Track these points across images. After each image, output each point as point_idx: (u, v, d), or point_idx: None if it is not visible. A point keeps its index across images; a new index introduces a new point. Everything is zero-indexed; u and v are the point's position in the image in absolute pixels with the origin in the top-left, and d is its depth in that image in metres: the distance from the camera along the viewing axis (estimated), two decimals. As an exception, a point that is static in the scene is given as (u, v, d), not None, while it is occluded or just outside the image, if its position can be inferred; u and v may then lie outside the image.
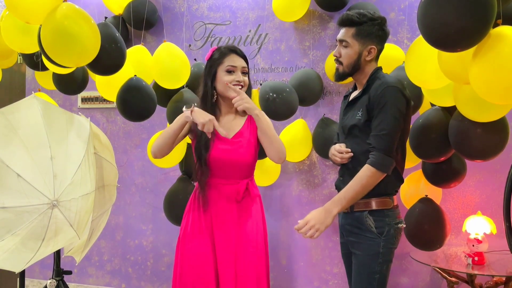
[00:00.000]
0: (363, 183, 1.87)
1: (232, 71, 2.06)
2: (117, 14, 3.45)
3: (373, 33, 1.95)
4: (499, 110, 1.92)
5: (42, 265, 3.86)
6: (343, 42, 1.98)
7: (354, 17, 1.94)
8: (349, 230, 2.01)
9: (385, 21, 1.99)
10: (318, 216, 1.87)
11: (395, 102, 1.87)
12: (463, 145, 2.12)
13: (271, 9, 3.16)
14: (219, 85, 2.08)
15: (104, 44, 2.40)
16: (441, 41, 1.65)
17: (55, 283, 2.35)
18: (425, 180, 2.58)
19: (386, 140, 1.87)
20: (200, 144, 2.06)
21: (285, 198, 3.30)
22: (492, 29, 1.63)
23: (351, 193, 1.88)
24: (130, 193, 3.74)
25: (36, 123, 2.03)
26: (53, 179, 1.95)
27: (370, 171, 1.86)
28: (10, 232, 1.90)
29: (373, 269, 1.92)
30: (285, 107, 2.83)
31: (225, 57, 2.07)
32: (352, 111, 2.02)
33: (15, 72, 4.00)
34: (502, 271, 2.43)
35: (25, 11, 2.25)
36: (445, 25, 1.59)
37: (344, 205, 1.88)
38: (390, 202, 1.96)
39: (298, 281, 3.29)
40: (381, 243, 1.91)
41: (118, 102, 2.81)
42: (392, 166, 1.90)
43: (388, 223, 1.93)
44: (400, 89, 1.89)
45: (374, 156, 1.87)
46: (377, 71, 2.00)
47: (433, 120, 2.30)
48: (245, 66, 2.10)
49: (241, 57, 2.09)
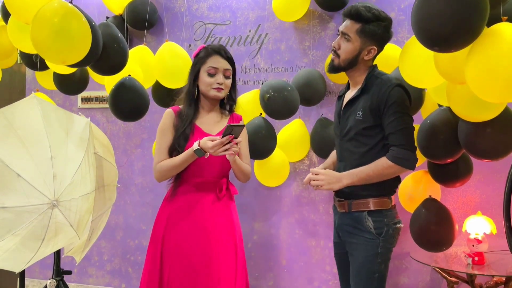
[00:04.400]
0: (378, 171, 1.87)
1: (213, 74, 2.07)
2: (117, 14, 3.45)
3: (378, 34, 1.91)
4: (492, 110, 1.91)
5: (42, 265, 3.86)
6: (346, 35, 1.92)
7: (363, 12, 1.88)
8: (347, 230, 2.00)
9: (391, 22, 1.95)
10: (330, 176, 1.92)
11: (403, 100, 1.89)
12: (473, 145, 2.07)
13: (271, 9, 3.16)
14: (201, 85, 2.10)
15: (106, 44, 2.39)
16: (434, 42, 1.64)
17: (55, 283, 2.35)
18: (425, 180, 2.58)
19: (406, 135, 1.87)
20: (178, 134, 2.08)
21: (285, 198, 3.30)
22: (487, 27, 1.62)
23: (364, 174, 1.88)
24: (130, 193, 3.74)
25: (36, 123, 2.03)
26: (53, 179, 1.95)
27: (387, 163, 1.87)
28: (10, 232, 1.90)
29: (372, 269, 1.92)
30: (286, 106, 2.82)
31: (208, 57, 2.09)
32: (351, 111, 1.98)
33: (15, 72, 4.00)
34: (502, 271, 2.43)
35: (21, 12, 2.26)
36: (438, 27, 1.57)
37: (354, 181, 1.89)
38: (389, 202, 1.96)
39: (298, 281, 3.28)
40: (379, 243, 1.91)
41: (110, 101, 2.79)
42: (416, 162, 1.89)
43: (386, 223, 1.93)
44: (405, 88, 1.91)
45: (394, 151, 1.86)
46: (373, 69, 1.98)
47: (441, 120, 2.26)
48: (228, 68, 2.10)
49: (225, 59, 2.09)
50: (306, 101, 2.99)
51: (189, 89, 2.13)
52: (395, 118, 1.85)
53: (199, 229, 2.08)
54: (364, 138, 1.93)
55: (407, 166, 1.87)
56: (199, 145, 1.96)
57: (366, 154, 1.93)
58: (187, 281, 2.04)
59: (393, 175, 1.91)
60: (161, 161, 2.10)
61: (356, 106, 1.95)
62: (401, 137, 1.86)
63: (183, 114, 2.11)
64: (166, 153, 2.10)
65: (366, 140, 1.93)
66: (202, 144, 1.96)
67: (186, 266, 2.05)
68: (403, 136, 1.86)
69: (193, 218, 2.09)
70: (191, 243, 2.07)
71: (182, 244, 2.07)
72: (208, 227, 2.08)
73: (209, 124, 2.13)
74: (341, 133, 2.02)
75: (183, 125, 2.08)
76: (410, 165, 1.87)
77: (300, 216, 3.27)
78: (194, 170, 2.09)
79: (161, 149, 2.11)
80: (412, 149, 1.88)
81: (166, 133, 2.11)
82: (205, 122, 2.13)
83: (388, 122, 1.86)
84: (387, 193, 1.96)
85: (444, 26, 1.55)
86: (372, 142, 1.93)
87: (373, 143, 1.93)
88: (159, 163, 2.10)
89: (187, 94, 2.13)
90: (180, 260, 2.06)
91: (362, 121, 1.91)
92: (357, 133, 1.94)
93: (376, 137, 1.92)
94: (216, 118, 2.16)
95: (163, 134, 2.12)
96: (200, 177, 2.11)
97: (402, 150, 1.85)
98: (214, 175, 2.13)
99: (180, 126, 2.09)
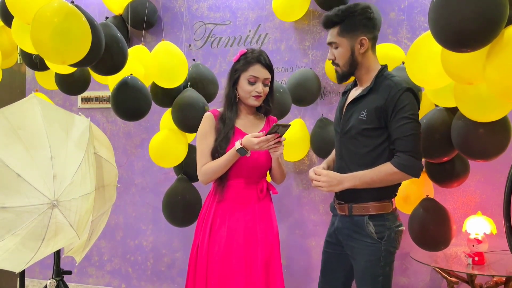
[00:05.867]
0: (382, 176, 1.84)
1: (253, 82, 2.10)
2: (117, 14, 3.45)
3: (357, 24, 1.88)
4: (500, 110, 1.92)
5: (42, 265, 3.86)
6: (333, 44, 1.94)
7: (333, 17, 1.90)
8: (348, 234, 1.97)
9: (367, 7, 1.90)
10: (331, 178, 1.89)
11: (413, 106, 1.84)
12: (465, 145, 2.11)
13: (271, 9, 3.16)
14: (240, 91, 2.14)
15: (106, 44, 2.39)
16: (455, 42, 1.64)
17: (55, 283, 2.34)
18: (419, 181, 2.60)
19: (413, 142, 1.82)
20: (221, 137, 2.12)
21: (285, 198, 3.30)
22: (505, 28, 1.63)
23: (367, 178, 1.85)
24: (130, 193, 3.74)
25: (36, 123, 2.03)
26: (53, 179, 1.95)
27: (392, 169, 1.83)
28: (10, 232, 1.90)
29: (376, 273, 1.89)
30: (277, 108, 2.80)
31: (249, 65, 2.11)
32: (354, 110, 1.94)
33: (15, 72, 4.00)
34: (502, 271, 2.43)
35: (21, 12, 2.26)
36: (459, 26, 1.58)
37: (356, 184, 1.86)
38: (390, 206, 1.93)
39: (298, 281, 3.28)
40: (381, 247, 1.88)
41: (112, 101, 2.79)
42: (421, 170, 1.85)
43: (388, 227, 1.90)
44: (415, 93, 1.86)
45: (400, 157, 1.82)
46: (383, 69, 1.94)
47: (436, 120, 2.29)
48: (268, 77, 2.13)
49: (265, 67, 2.12)
50: (297, 101, 3.00)
51: (229, 94, 2.17)
52: (404, 123, 1.81)
53: (239, 231, 2.10)
54: (364, 138, 1.90)
55: (412, 173, 1.83)
56: (241, 143, 1.99)
57: (367, 155, 1.90)
58: (225, 283, 2.06)
59: (397, 181, 1.88)
60: (205, 164, 2.13)
61: (360, 105, 1.92)
62: (408, 143, 1.81)
63: (225, 117, 2.15)
64: (209, 156, 2.13)
65: (366, 141, 1.90)
66: (244, 142, 1.99)
67: (227, 268, 2.07)
68: (410, 143, 1.81)
69: (235, 219, 2.12)
70: (231, 245, 2.09)
71: (224, 244, 2.09)
72: (248, 229, 2.12)
73: (248, 126, 2.18)
74: (342, 130, 1.99)
75: (226, 128, 2.12)
76: (415, 173, 1.84)
77: (300, 216, 3.27)
78: (235, 170, 2.12)
79: (203, 153, 2.14)
80: (418, 157, 1.84)
81: (207, 136, 2.15)
82: (244, 124, 2.18)
83: (396, 127, 1.82)
84: (388, 197, 1.92)
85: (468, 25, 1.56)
86: (373, 144, 1.89)
87: (374, 145, 1.89)
88: (203, 166, 2.13)
89: (227, 98, 2.17)
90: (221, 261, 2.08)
91: (364, 122, 1.88)
92: (357, 133, 1.90)
93: (376, 139, 1.89)
94: (254, 121, 2.21)
95: (204, 137, 2.15)
96: (241, 177, 2.14)
97: (408, 157, 1.81)
98: (255, 175, 2.16)
99: (222, 129, 2.13)
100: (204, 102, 2.91)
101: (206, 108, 2.84)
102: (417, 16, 2.99)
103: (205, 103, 2.91)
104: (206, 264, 2.09)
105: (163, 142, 3.02)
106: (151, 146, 3.06)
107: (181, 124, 2.91)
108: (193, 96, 2.89)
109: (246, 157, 2.03)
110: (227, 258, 2.06)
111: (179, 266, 3.60)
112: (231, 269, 2.06)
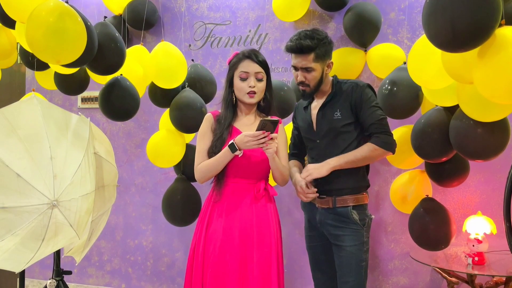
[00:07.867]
0: (364, 154, 2.11)
1: (244, 78, 2.11)
2: (117, 14, 3.45)
3: (328, 50, 2.16)
4: (502, 110, 1.92)
5: (42, 265, 3.86)
6: (307, 69, 2.13)
7: (309, 44, 2.08)
8: (332, 225, 2.18)
9: (326, 34, 2.16)
10: (314, 165, 2.16)
11: (375, 97, 2.19)
12: (463, 145, 2.12)
13: (271, 9, 3.16)
14: (235, 90, 2.16)
15: (103, 43, 2.38)
16: (446, 43, 1.65)
17: (55, 283, 2.35)
18: (417, 180, 2.60)
19: (385, 124, 2.14)
20: (217, 137, 2.15)
21: (285, 198, 3.30)
22: (496, 30, 1.62)
23: (351, 157, 2.12)
24: (130, 193, 3.74)
25: (36, 123, 2.03)
26: (53, 179, 1.95)
27: (373, 147, 2.10)
28: (10, 232, 1.90)
29: (360, 257, 2.14)
30: (282, 106, 2.81)
31: (240, 62, 2.14)
32: (325, 115, 2.20)
33: (15, 72, 4.00)
34: (502, 271, 2.43)
35: (16, 11, 2.26)
36: (451, 27, 1.58)
37: (341, 163, 2.12)
38: (366, 198, 2.22)
39: (298, 281, 3.28)
40: (364, 233, 2.16)
41: (99, 101, 2.76)
42: (395, 147, 2.16)
43: (367, 215, 2.20)
44: (373, 88, 2.20)
45: (379, 137, 2.10)
46: (336, 78, 2.25)
47: (435, 120, 2.30)
48: (259, 71, 2.13)
49: (256, 62, 2.12)
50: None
51: (225, 95, 2.20)
52: (374, 110, 2.13)
53: (235, 231, 2.09)
54: (344, 134, 2.17)
55: (391, 149, 2.13)
56: (234, 142, 2.02)
57: (348, 148, 2.15)
58: (220, 283, 2.05)
59: (377, 157, 2.15)
60: (200, 163, 2.16)
61: (329, 110, 2.19)
62: (383, 125, 2.13)
63: (221, 118, 2.17)
64: (205, 156, 2.16)
65: (345, 135, 2.17)
66: (237, 140, 2.02)
67: (222, 268, 2.06)
68: (385, 125, 2.14)
69: (231, 219, 2.11)
70: (226, 244, 2.08)
71: (219, 244, 2.09)
72: (244, 229, 2.10)
73: (246, 126, 2.18)
74: (318, 135, 2.22)
75: (221, 129, 2.14)
76: (392, 149, 2.14)
77: (300, 216, 3.27)
78: (232, 170, 2.13)
79: (200, 152, 2.17)
80: (391, 135, 2.15)
81: (205, 136, 2.18)
82: (242, 124, 2.18)
83: (368, 114, 2.12)
84: (364, 189, 2.22)
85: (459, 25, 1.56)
86: (351, 138, 2.17)
87: (352, 138, 2.17)
88: (199, 165, 2.16)
89: (224, 99, 2.20)
90: (216, 261, 2.07)
91: (341, 120, 2.16)
92: (338, 132, 2.17)
93: (353, 132, 2.17)
94: (254, 120, 2.21)
95: (202, 137, 2.19)
96: (238, 177, 2.14)
97: (386, 135, 2.12)
98: (253, 175, 2.15)
99: (218, 130, 2.15)
100: (202, 102, 2.91)
101: (203, 110, 2.84)
102: (417, 16, 2.99)
103: (202, 104, 2.90)
104: (202, 264, 2.09)
105: (160, 142, 3.02)
106: (149, 146, 3.06)
107: (179, 125, 2.91)
108: (191, 97, 2.89)
109: (241, 156, 2.05)
110: (222, 257, 2.06)
111: (179, 266, 3.60)
112: (226, 268, 2.05)
